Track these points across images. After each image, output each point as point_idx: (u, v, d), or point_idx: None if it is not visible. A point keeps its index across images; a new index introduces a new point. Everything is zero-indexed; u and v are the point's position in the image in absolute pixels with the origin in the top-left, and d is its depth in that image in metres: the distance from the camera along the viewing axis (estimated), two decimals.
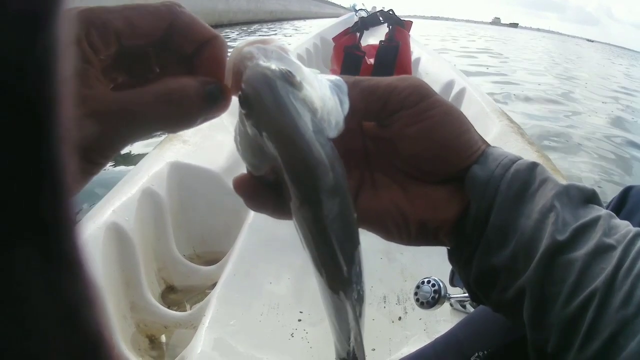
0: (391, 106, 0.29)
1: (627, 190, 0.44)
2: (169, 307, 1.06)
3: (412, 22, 2.81)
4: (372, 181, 0.32)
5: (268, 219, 0.29)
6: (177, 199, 1.24)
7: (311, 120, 0.24)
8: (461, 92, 2.25)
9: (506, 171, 0.29)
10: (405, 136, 0.30)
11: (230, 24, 15.15)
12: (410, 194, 0.31)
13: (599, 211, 0.28)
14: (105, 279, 0.92)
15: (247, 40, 0.26)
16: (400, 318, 0.99)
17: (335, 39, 2.69)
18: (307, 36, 3.90)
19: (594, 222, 0.27)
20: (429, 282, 0.73)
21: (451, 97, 2.27)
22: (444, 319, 0.96)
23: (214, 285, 1.05)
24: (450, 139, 0.29)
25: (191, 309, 1.07)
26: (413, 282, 0.78)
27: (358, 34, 2.64)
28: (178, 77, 0.25)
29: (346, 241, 0.26)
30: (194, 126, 0.26)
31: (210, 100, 0.25)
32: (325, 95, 0.26)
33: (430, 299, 0.72)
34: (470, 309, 0.86)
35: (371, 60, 2.55)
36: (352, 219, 0.26)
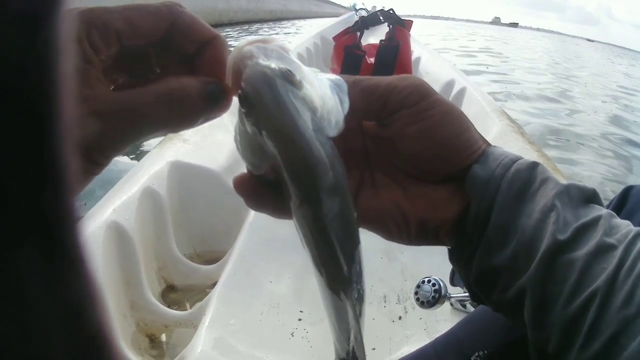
0: (391, 105, 0.29)
1: (628, 190, 0.44)
2: (169, 306, 1.06)
3: (412, 21, 2.81)
4: (372, 181, 0.32)
5: (268, 218, 0.29)
6: (178, 198, 1.24)
7: (311, 119, 0.24)
8: (461, 92, 2.24)
9: (507, 171, 0.29)
10: (405, 135, 0.29)
11: (231, 23, 15.14)
12: (410, 193, 0.31)
13: (600, 211, 0.28)
14: (105, 278, 0.92)
15: (247, 39, 0.26)
16: (400, 317, 0.99)
17: (335, 38, 2.69)
18: (307, 35, 3.89)
19: (594, 222, 0.27)
20: (429, 281, 0.73)
21: (451, 96, 2.26)
22: (444, 319, 0.96)
23: (214, 284, 1.05)
24: (451, 138, 0.29)
25: (191, 308, 1.07)
26: (413, 281, 0.78)
27: (358, 33, 2.64)
28: (179, 77, 0.25)
29: (346, 240, 0.26)
30: (195, 126, 0.26)
31: (211, 100, 0.25)
32: (326, 95, 0.26)
33: (431, 298, 0.72)
34: (470, 308, 0.86)
35: (371, 60, 2.55)
36: (352, 218, 0.26)
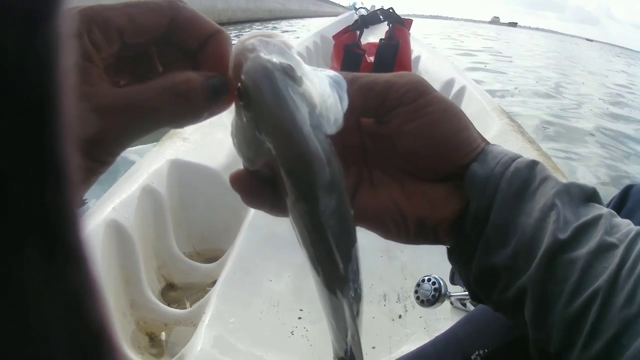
0: (389, 102, 0.29)
1: (628, 189, 0.44)
2: (168, 305, 1.06)
3: (412, 20, 2.81)
4: (370, 179, 0.31)
5: (268, 216, 0.29)
6: (177, 196, 1.24)
7: (309, 115, 0.24)
8: (461, 91, 2.24)
9: (506, 169, 0.29)
10: (403, 133, 0.29)
11: (230, 23, 15.13)
12: (408, 191, 0.30)
13: (600, 210, 0.28)
14: (105, 277, 0.92)
15: (251, 33, 0.26)
16: (400, 316, 0.99)
17: (335, 37, 2.69)
18: (307, 34, 3.89)
19: (595, 221, 0.27)
20: (429, 280, 0.73)
21: (451, 95, 2.26)
22: (444, 317, 0.96)
23: (213, 282, 1.05)
24: (449, 135, 0.29)
25: (191, 306, 1.07)
26: (413, 280, 0.78)
27: (358, 32, 2.64)
28: (182, 72, 0.25)
29: (343, 238, 0.25)
30: (200, 121, 0.25)
31: (215, 93, 0.25)
32: (325, 92, 0.26)
33: (431, 297, 0.72)
34: (470, 307, 0.86)
35: (371, 59, 2.55)
36: (348, 215, 0.26)
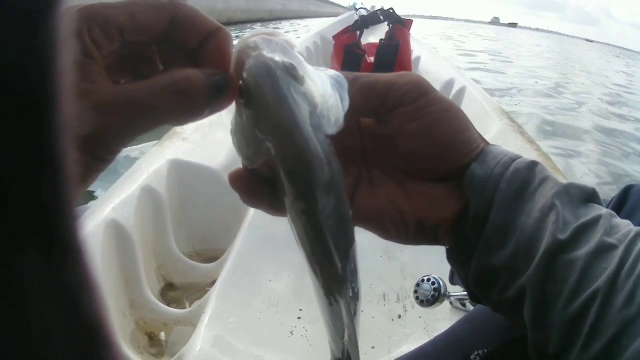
0: (390, 102, 0.29)
1: (628, 189, 0.44)
2: (168, 305, 1.06)
3: (412, 20, 2.81)
4: (370, 179, 0.31)
5: (267, 216, 0.29)
6: (177, 196, 1.24)
7: (310, 115, 0.24)
8: (461, 91, 2.24)
9: (505, 169, 0.29)
10: (404, 133, 0.29)
11: (229, 23, 15.13)
12: (408, 191, 0.30)
13: (600, 210, 0.28)
14: (104, 277, 0.92)
15: (253, 31, 0.26)
16: (399, 316, 0.99)
17: (335, 37, 2.69)
18: (307, 34, 3.89)
19: (594, 221, 0.27)
20: (428, 280, 0.73)
21: (451, 95, 2.26)
22: (443, 317, 0.96)
23: (213, 282, 1.05)
24: (449, 135, 0.29)
25: (190, 306, 1.07)
26: (413, 280, 0.78)
27: (358, 32, 2.64)
28: (183, 69, 0.25)
29: (341, 238, 0.25)
30: (201, 118, 0.25)
31: (216, 90, 0.25)
32: (326, 92, 0.25)
33: (430, 297, 0.72)
34: (469, 307, 0.86)
35: (371, 59, 2.55)
36: (347, 215, 0.26)
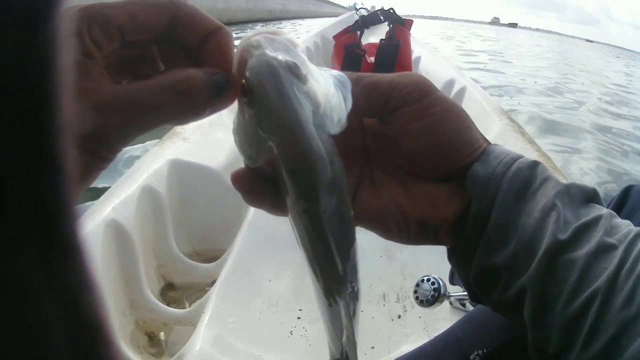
0: (393, 103, 0.29)
1: (628, 190, 0.44)
2: (168, 305, 1.06)
3: (412, 20, 2.81)
4: (372, 179, 0.31)
5: (268, 216, 0.29)
6: (177, 196, 1.24)
7: (313, 115, 0.24)
8: (461, 91, 2.24)
9: (507, 169, 0.29)
10: (407, 133, 0.29)
11: (230, 23, 15.14)
12: (410, 191, 0.30)
13: (600, 210, 0.28)
14: (104, 277, 0.92)
15: (256, 30, 0.26)
16: (399, 316, 0.99)
17: (335, 37, 2.69)
18: (307, 34, 3.90)
19: (595, 222, 0.27)
20: (428, 280, 0.73)
21: (452, 95, 2.26)
22: (443, 317, 0.96)
23: (213, 282, 1.05)
24: (452, 136, 0.29)
25: (190, 306, 1.07)
26: (413, 280, 0.78)
27: (358, 33, 2.64)
28: (184, 68, 0.25)
29: (342, 238, 0.25)
30: (202, 117, 0.25)
31: (217, 90, 0.25)
32: (330, 92, 0.25)
33: (430, 297, 0.72)
34: (469, 307, 0.86)
35: (371, 59, 2.55)
36: (349, 216, 0.26)
